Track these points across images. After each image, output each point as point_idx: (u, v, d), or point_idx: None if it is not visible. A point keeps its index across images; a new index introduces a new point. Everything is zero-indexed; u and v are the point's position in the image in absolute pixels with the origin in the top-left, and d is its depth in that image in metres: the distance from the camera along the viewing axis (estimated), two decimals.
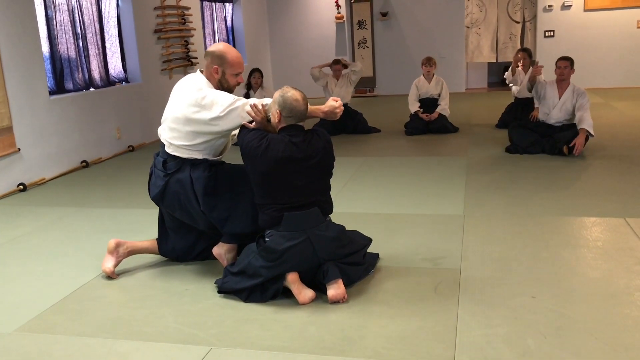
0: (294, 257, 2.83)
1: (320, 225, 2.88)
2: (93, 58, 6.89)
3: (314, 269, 2.89)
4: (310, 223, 2.86)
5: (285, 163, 2.83)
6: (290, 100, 2.86)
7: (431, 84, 7.39)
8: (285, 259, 2.82)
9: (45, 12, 6.15)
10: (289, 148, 2.84)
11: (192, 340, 2.55)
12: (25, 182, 5.47)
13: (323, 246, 2.85)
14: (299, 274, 2.86)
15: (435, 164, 5.70)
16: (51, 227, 4.31)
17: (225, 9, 10.58)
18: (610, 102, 9.04)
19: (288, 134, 2.89)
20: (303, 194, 2.87)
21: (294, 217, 2.84)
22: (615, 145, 6.03)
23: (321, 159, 2.92)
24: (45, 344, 2.59)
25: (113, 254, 3.30)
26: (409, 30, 11.34)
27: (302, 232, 2.83)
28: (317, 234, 2.85)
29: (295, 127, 2.92)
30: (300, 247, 2.82)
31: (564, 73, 5.75)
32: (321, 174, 2.96)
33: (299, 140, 2.87)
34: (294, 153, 2.84)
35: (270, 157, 2.83)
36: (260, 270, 2.84)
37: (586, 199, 4.32)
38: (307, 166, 2.87)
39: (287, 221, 2.85)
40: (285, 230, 2.84)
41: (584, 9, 10.56)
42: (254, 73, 7.34)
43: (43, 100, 5.85)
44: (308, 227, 2.84)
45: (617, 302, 2.70)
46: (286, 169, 2.84)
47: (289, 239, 2.82)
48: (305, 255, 2.84)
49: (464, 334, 2.48)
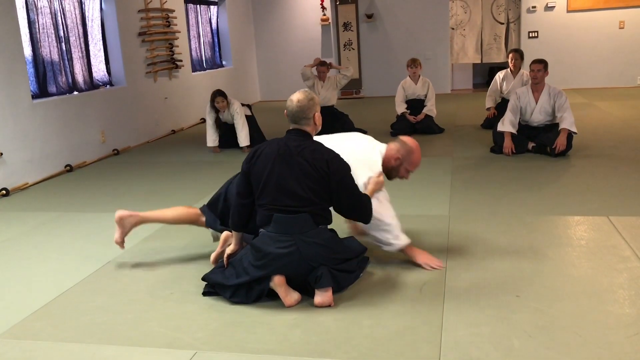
0: (280, 264, 2.80)
1: (310, 232, 2.81)
2: (76, 61, 6.84)
3: (303, 275, 2.86)
4: (299, 228, 2.81)
5: (277, 161, 2.82)
6: (289, 101, 2.90)
7: (418, 84, 7.42)
8: (271, 264, 2.81)
9: (28, 15, 6.10)
10: (280, 147, 2.86)
11: (177, 344, 2.53)
12: (8, 187, 5.41)
13: (313, 253, 2.81)
14: (287, 277, 2.85)
15: (421, 164, 5.69)
16: (34, 232, 4.27)
17: (210, 11, 10.55)
18: (593, 102, 9.13)
19: (288, 136, 2.91)
20: (292, 198, 2.80)
21: (282, 219, 2.82)
22: (599, 145, 6.08)
23: (314, 169, 2.79)
24: (29, 350, 2.56)
25: (119, 226, 3.41)
26: (395, 32, 11.37)
27: (289, 238, 2.79)
28: (306, 240, 2.79)
29: (298, 131, 2.90)
30: (288, 257, 2.79)
31: (537, 76, 5.76)
32: (313, 184, 2.81)
33: (295, 144, 2.85)
34: (283, 152, 2.83)
35: (264, 155, 2.87)
36: (248, 267, 2.84)
37: (570, 198, 4.35)
38: (298, 171, 2.80)
39: (275, 222, 2.84)
40: (274, 231, 2.83)
41: (567, 10, 10.66)
42: (216, 98, 6.78)
43: (26, 104, 5.79)
44: (296, 232, 2.80)
45: (601, 300, 2.72)
46: (277, 168, 2.82)
47: (277, 243, 2.80)
48: (293, 265, 2.81)
49: (449, 333, 2.49)
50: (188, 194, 5.02)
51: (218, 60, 10.82)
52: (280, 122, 8.46)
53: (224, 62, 10.93)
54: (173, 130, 8.67)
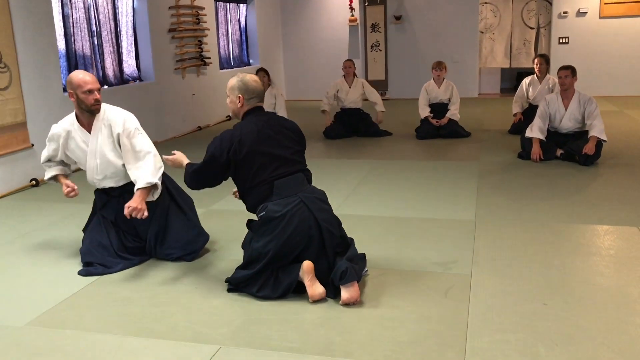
0: (293, 220, 2.85)
1: (307, 189, 3.01)
2: (107, 56, 6.93)
3: (317, 240, 2.89)
4: (299, 187, 2.97)
5: (263, 137, 2.97)
6: (250, 82, 3.06)
7: (441, 88, 7.36)
8: (286, 223, 2.84)
9: (62, 9, 6.20)
10: (261, 125, 3.00)
11: (202, 339, 2.55)
12: (37, 178, 5.51)
13: (316, 207, 2.93)
14: (312, 266, 2.86)
15: (446, 168, 5.68)
16: (62, 223, 4.33)
17: (240, 10, 10.61)
18: (623, 110, 8.98)
19: (255, 115, 3.06)
20: (287, 163, 2.99)
21: (284, 183, 2.94)
22: (629, 154, 5.98)
23: (292, 130, 3.10)
24: (56, 339, 2.61)
25: None
26: (423, 34, 11.32)
27: (294, 196, 2.91)
28: (307, 195, 2.95)
29: (259, 108, 3.10)
30: (296, 209, 2.88)
31: (565, 83, 5.70)
32: (297, 145, 3.09)
33: (266, 118, 3.06)
34: (267, 128, 3.00)
35: (249, 138, 2.95)
36: (265, 247, 2.87)
37: (598, 207, 4.29)
38: (283, 137, 3.02)
39: (277, 189, 2.93)
40: (279, 197, 2.91)
41: (599, 16, 10.49)
42: (259, 72, 7.21)
43: (57, 96, 5.89)
44: (298, 191, 2.94)
45: (630, 312, 2.68)
46: (266, 143, 2.97)
47: (285, 205, 2.88)
48: (303, 217, 2.87)
49: (474, 339, 2.47)
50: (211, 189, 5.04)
51: (245, 58, 10.88)
52: (307, 121, 8.48)
53: (251, 61, 10.99)
54: (199, 126, 8.74)
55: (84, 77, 3.36)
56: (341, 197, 4.71)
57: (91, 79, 3.38)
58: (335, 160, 6.20)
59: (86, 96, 3.33)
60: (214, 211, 4.46)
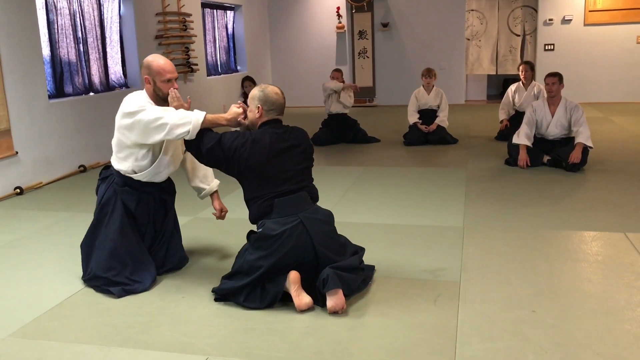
0: (289, 241, 2.83)
1: (310, 209, 2.96)
2: (93, 62, 6.88)
3: (311, 263, 2.88)
4: (301, 206, 2.92)
5: (274, 152, 2.93)
6: (271, 94, 3.00)
7: (430, 95, 7.40)
8: (281, 244, 2.82)
9: (47, 15, 6.14)
10: (274, 138, 2.95)
11: (189, 349, 2.51)
12: (22, 186, 5.44)
13: (315, 229, 2.89)
14: (298, 276, 2.84)
15: (434, 175, 5.68)
16: (47, 232, 4.28)
17: (227, 16, 10.59)
18: (609, 116, 9.06)
19: (270, 127, 3.00)
20: (292, 181, 2.96)
21: (285, 202, 2.90)
22: (615, 160, 6.03)
23: (306, 147, 3.07)
24: (40, 350, 2.56)
25: None
26: (410, 41, 11.36)
27: (294, 216, 2.88)
28: (308, 216, 2.90)
29: (276, 120, 3.04)
30: (294, 229, 2.85)
31: (552, 90, 5.73)
32: (306, 161, 3.06)
33: (282, 131, 3.00)
34: (281, 142, 2.95)
35: (259, 148, 2.91)
36: (257, 262, 2.85)
37: (586, 213, 4.30)
38: (294, 154, 2.99)
39: (278, 207, 2.90)
40: (278, 216, 2.88)
41: (584, 24, 10.60)
42: (245, 82, 7.40)
43: (42, 103, 5.83)
44: (299, 211, 2.90)
45: (618, 318, 2.68)
46: (276, 158, 2.93)
47: (283, 224, 2.85)
48: (300, 239, 2.85)
49: (463, 347, 2.45)
50: None
51: (233, 65, 10.86)
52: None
53: (238, 67, 10.97)
54: None
55: (164, 65, 3.17)
56: (329, 204, 4.69)
57: (170, 67, 3.20)
58: (323, 167, 6.18)
59: (164, 85, 3.18)
60: (200, 219, 4.43)
